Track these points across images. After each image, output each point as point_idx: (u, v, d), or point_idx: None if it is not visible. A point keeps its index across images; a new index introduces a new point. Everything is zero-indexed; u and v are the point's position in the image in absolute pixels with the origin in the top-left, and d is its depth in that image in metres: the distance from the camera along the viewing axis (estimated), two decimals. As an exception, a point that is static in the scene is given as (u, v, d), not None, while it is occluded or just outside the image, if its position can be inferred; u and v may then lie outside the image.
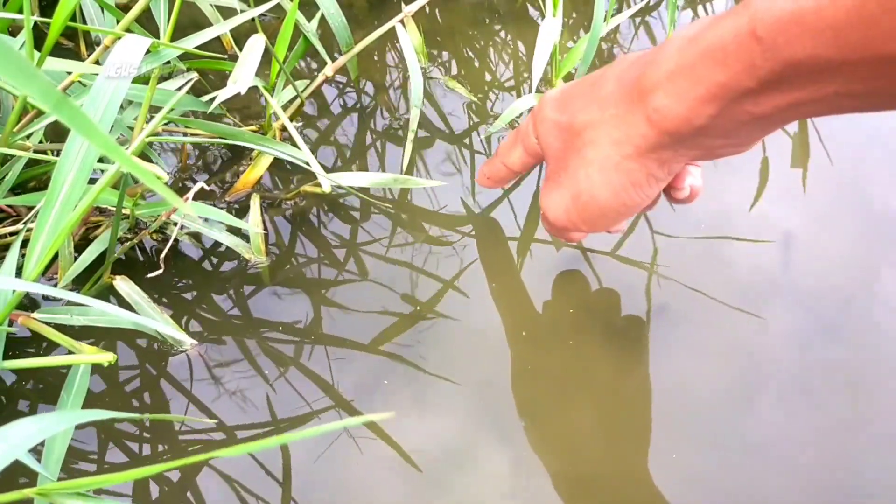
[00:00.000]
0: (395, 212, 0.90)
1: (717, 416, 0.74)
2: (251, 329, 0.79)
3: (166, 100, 0.78)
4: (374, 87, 1.04)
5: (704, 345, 0.79)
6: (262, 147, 0.81)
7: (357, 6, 1.13)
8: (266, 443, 0.34)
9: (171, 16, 0.77)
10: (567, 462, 0.71)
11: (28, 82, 0.29)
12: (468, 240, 0.87)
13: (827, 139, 0.98)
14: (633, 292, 0.83)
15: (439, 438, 0.72)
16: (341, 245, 0.87)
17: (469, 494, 0.69)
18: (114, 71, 0.63)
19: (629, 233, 0.88)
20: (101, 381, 0.75)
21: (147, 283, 0.79)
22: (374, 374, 0.76)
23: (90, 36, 1.03)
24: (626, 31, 1.14)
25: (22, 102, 0.68)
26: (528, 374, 0.76)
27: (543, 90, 1.02)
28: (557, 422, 0.73)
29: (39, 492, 0.47)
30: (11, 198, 0.76)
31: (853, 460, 0.71)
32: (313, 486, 0.69)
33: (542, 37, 0.88)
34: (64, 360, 0.64)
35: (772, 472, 0.70)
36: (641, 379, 0.76)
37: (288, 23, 0.82)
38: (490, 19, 1.14)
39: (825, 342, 0.79)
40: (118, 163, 0.31)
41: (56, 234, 0.57)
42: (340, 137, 0.98)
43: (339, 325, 0.80)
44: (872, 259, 0.86)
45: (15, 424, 0.44)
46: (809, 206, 0.91)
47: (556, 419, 0.73)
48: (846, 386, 0.76)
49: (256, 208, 0.86)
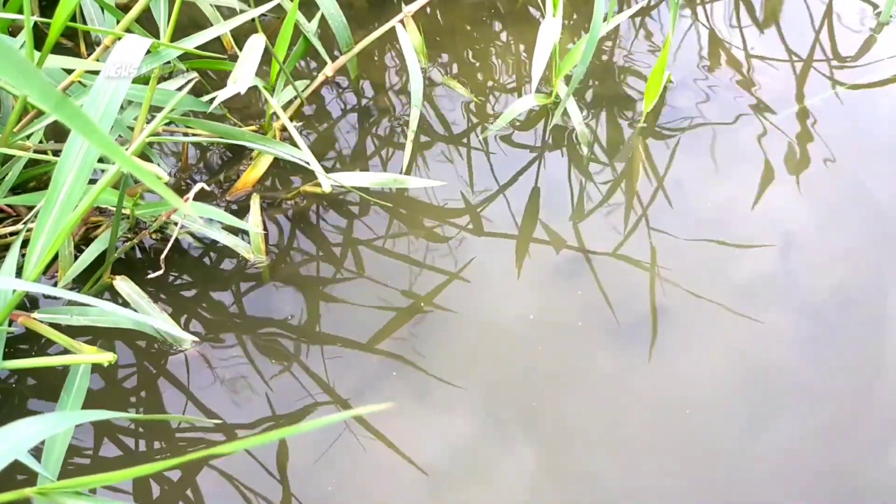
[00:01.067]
0: (395, 211, 0.90)
1: (716, 415, 0.74)
2: (250, 328, 0.79)
3: (167, 100, 0.78)
4: (374, 87, 1.04)
5: (704, 345, 0.79)
6: (263, 147, 0.81)
7: (357, 6, 1.13)
8: (264, 438, 0.34)
9: (171, 16, 0.77)
10: (567, 461, 0.71)
11: (28, 83, 0.29)
12: (468, 240, 0.87)
13: (827, 140, 0.98)
14: (634, 293, 0.83)
15: (439, 437, 0.72)
16: (341, 244, 0.87)
17: (469, 494, 0.69)
18: (114, 71, 0.63)
19: (630, 233, 0.88)
20: (101, 380, 0.75)
21: (147, 282, 0.79)
22: (373, 373, 0.76)
23: (90, 36, 1.03)
24: (625, 32, 1.14)
25: (22, 102, 0.68)
26: (529, 374, 0.76)
27: (543, 90, 1.02)
28: (558, 421, 0.73)
29: (40, 491, 0.47)
30: (11, 198, 0.76)
31: (853, 460, 0.71)
32: (313, 485, 0.69)
33: (542, 37, 0.88)
34: (64, 360, 0.64)
35: (771, 472, 0.70)
36: (642, 379, 0.76)
37: (288, 23, 0.82)
38: (490, 19, 1.14)
39: (825, 342, 0.79)
40: (118, 163, 0.31)
41: (56, 234, 0.57)
42: (340, 137, 0.98)
43: (338, 323, 0.80)
44: (872, 259, 0.86)
45: (15, 425, 0.44)
46: (810, 207, 0.91)
47: (557, 419, 0.73)
48: (846, 386, 0.76)
49: (256, 208, 0.86)
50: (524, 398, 0.75)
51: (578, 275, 0.84)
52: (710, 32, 1.12)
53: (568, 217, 0.90)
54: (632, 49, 1.11)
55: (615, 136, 0.99)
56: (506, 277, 0.84)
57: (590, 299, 0.82)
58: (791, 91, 1.04)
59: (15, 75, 0.29)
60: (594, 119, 1.00)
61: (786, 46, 1.10)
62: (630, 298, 0.82)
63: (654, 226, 0.89)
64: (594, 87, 1.05)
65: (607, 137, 0.98)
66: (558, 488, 0.69)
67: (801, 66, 1.08)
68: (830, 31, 1.12)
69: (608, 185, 0.93)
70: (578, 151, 0.96)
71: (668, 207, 0.90)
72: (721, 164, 0.95)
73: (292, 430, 0.33)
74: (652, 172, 0.94)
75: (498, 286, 0.83)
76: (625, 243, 0.87)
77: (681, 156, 0.96)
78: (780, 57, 1.09)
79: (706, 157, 0.96)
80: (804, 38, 1.12)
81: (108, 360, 0.61)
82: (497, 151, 0.97)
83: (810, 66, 1.07)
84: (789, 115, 1.01)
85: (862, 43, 1.11)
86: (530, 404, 0.74)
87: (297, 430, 0.33)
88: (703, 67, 1.07)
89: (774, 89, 1.04)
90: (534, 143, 0.98)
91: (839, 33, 1.12)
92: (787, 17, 1.15)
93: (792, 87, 1.05)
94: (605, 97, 1.03)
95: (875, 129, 1.00)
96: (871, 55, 1.09)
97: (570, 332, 0.79)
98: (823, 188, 0.93)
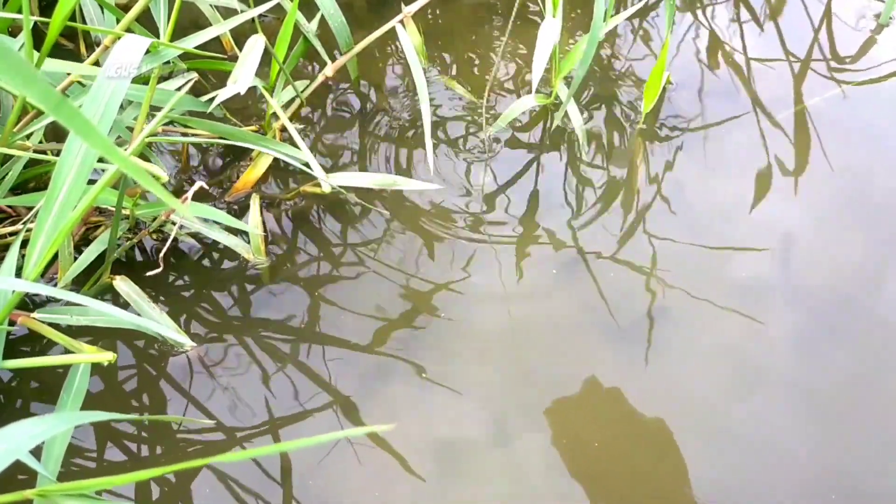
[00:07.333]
0: (394, 212, 0.90)
1: (716, 415, 0.74)
2: (250, 330, 0.79)
3: (166, 100, 0.78)
4: (374, 87, 1.04)
5: (704, 346, 0.79)
6: (262, 147, 0.81)
7: (357, 6, 1.13)
8: (265, 450, 0.34)
9: (170, 16, 0.77)
10: (568, 460, 0.71)
11: (27, 84, 0.29)
12: (467, 241, 0.87)
13: (827, 141, 0.98)
14: (633, 295, 0.83)
15: (438, 438, 0.72)
16: (341, 245, 0.87)
17: (469, 495, 0.69)
18: (114, 71, 0.63)
19: (628, 235, 0.88)
20: (101, 382, 0.75)
21: (147, 282, 0.79)
22: (373, 373, 0.76)
23: (90, 36, 1.02)
24: (624, 33, 1.13)
25: (21, 102, 0.68)
26: (529, 375, 0.76)
27: (543, 91, 1.02)
28: (558, 421, 0.73)
29: (40, 493, 0.47)
30: (11, 198, 0.76)
31: (853, 460, 0.71)
32: (313, 486, 0.69)
33: (542, 37, 0.88)
34: (64, 360, 0.64)
35: (771, 471, 0.70)
36: (642, 379, 0.76)
37: (288, 23, 0.82)
38: (490, 20, 1.14)
39: (824, 343, 0.79)
40: (116, 164, 0.31)
41: (56, 234, 0.57)
42: (340, 138, 0.98)
43: (338, 324, 0.80)
44: (872, 261, 0.86)
45: (16, 426, 0.44)
46: (808, 208, 0.91)
47: (557, 419, 0.73)
48: (845, 386, 0.76)
49: (256, 208, 0.86)
50: (524, 399, 0.75)
51: (577, 276, 0.84)
52: (710, 33, 1.12)
53: (567, 218, 0.90)
54: (631, 50, 1.11)
55: (614, 137, 0.98)
56: (506, 278, 0.84)
57: (589, 300, 0.82)
58: (790, 92, 1.04)
59: (14, 76, 0.29)
60: (593, 120, 1.00)
61: (785, 48, 1.10)
62: (629, 300, 0.82)
63: (654, 227, 0.89)
64: (593, 87, 1.05)
65: (606, 138, 0.98)
66: (558, 489, 0.69)
67: (800, 67, 1.07)
68: (830, 32, 1.12)
69: (608, 186, 0.93)
70: (577, 152, 0.96)
71: (668, 208, 0.90)
72: (720, 164, 0.95)
73: (294, 444, 0.34)
74: (651, 174, 0.94)
75: (498, 287, 0.83)
76: (624, 245, 0.87)
77: (680, 157, 0.96)
78: (780, 58, 1.09)
79: (705, 157, 0.96)
80: (804, 39, 1.12)
81: (108, 360, 0.61)
82: (497, 152, 0.96)
83: (809, 68, 1.07)
84: (789, 115, 1.01)
85: (861, 44, 1.11)
86: (530, 405, 0.74)
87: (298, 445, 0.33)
88: (703, 68, 1.07)
89: (774, 90, 1.04)
90: (533, 144, 0.98)
91: (838, 34, 1.12)
92: (786, 18, 1.15)
93: (791, 88, 1.05)
94: (604, 98, 1.03)
95: (875, 130, 1.00)
96: (871, 56, 1.09)
97: (569, 334, 0.79)
98: (823, 189, 0.93)
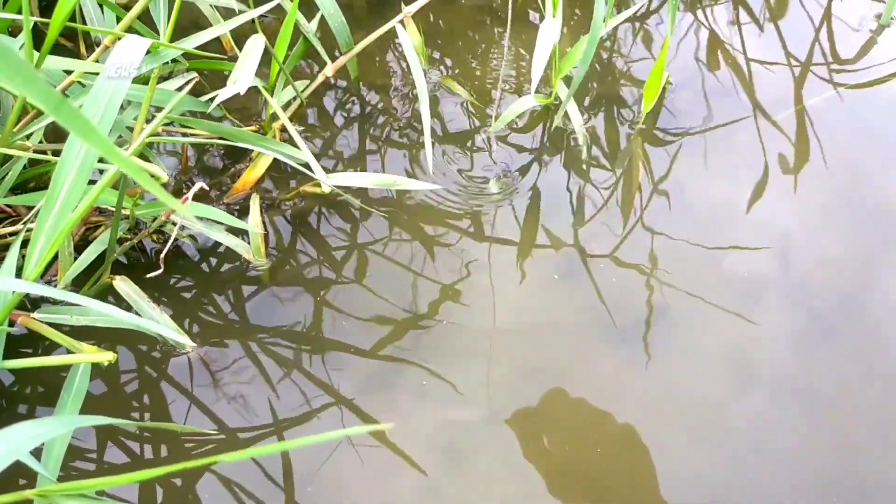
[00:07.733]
0: (395, 213, 0.90)
1: (716, 415, 0.74)
2: (251, 331, 0.79)
3: (166, 100, 0.78)
4: (373, 88, 1.04)
5: (704, 346, 0.79)
6: (262, 147, 0.81)
7: (357, 6, 1.13)
8: (267, 450, 0.34)
9: (170, 16, 0.77)
10: (568, 460, 0.71)
11: (27, 84, 0.29)
12: (468, 242, 0.87)
13: (826, 141, 0.98)
14: (633, 294, 0.83)
15: (438, 438, 0.72)
16: (341, 246, 0.87)
17: (469, 495, 0.69)
18: (114, 71, 0.63)
19: (628, 235, 0.88)
20: (102, 383, 0.75)
21: (147, 283, 0.79)
22: (374, 374, 0.76)
23: (90, 37, 1.02)
24: (624, 33, 1.13)
25: (21, 102, 0.68)
26: (530, 375, 0.76)
27: (543, 91, 1.02)
28: (558, 421, 0.73)
29: (40, 493, 0.47)
30: (11, 198, 0.76)
31: (853, 460, 0.71)
32: (314, 487, 0.69)
33: (542, 38, 0.88)
34: (64, 360, 0.64)
35: (771, 471, 0.70)
36: (642, 379, 0.76)
37: (288, 23, 0.82)
38: (490, 21, 1.14)
39: (824, 342, 0.79)
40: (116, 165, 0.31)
41: (56, 234, 0.57)
42: (340, 138, 0.98)
43: (338, 325, 0.80)
44: (871, 261, 0.86)
45: (16, 427, 0.44)
46: (808, 208, 0.91)
47: (557, 419, 0.73)
48: (845, 385, 0.76)
49: (256, 209, 0.86)
50: (525, 399, 0.75)
51: (577, 276, 0.84)
52: (710, 33, 1.12)
53: (567, 218, 0.89)
54: (631, 50, 1.11)
55: (614, 137, 0.98)
56: (506, 278, 0.84)
57: (589, 301, 0.82)
58: (790, 92, 1.04)
59: (14, 76, 0.29)
60: (593, 120, 1.00)
61: (785, 48, 1.10)
62: (629, 300, 0.82)
63: (653, 227, 0.88)
64: (593, 88, 1.05)
65: (606, 139, 0.98)
66: (558, 489, 0.69)
67: (800, 67, 1.07)
68: (830, 32, 1.12)
69: (607, 186, 0.93)
70: (577, 153, 0.96)
71: (667, 208, 0.90)
72: (720, 165, 0.95)
73: (296, 443, 0.34)
74: (651, 174, 0.94)
75: (498, 288, 0.83)
76: (624, 244, 0.87)
77: (680, 157, 0.96)
78: (780, 59, 1.09)
79: (705, 158, 0.96)
80: (804, 40, 1.12)
81: (108, 360, 0.61)
82: (497, 152, 0.96)
83: (809, 69, 1.07)
84: (788, 116, 1.01)
85: (862, 45, 1.10)
86: (530, 405, 0.74)
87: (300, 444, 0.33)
88: (703, 68, 1.07)
89: (774, 90, 1.04)
90: (533, 145, 0.98)
91: (839, 35, 1.12)
92: (786, 18, 1.14)
93: (791, 88, 1.05)
94: (604, 98, 1.03)
95: (875, 131, 0.99)
96: (871, 57, 1.09)
97: (569, 334, 0.79)
98: (822, 189, 0.93)
